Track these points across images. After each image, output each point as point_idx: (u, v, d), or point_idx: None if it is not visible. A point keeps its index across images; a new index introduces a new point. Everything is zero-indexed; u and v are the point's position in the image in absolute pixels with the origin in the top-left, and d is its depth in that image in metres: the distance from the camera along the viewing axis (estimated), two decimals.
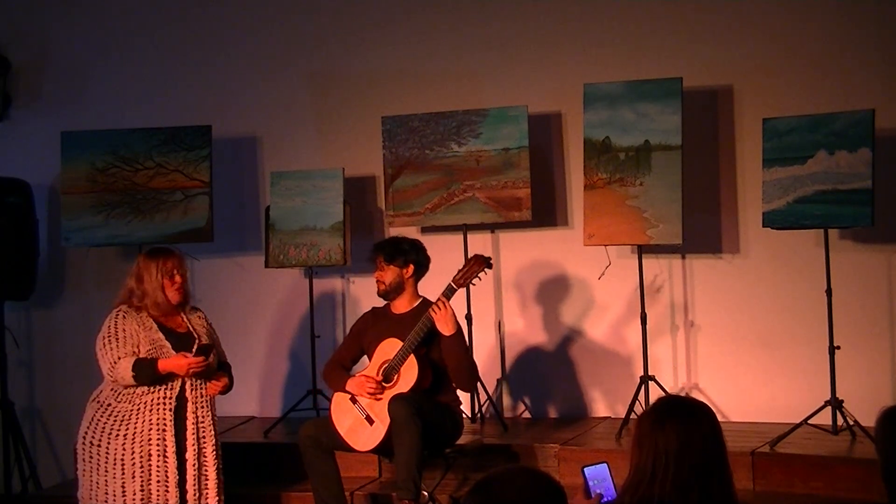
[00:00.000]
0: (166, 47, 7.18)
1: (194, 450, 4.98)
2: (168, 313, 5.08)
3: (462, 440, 5.46)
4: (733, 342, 6.26)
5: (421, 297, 5.43)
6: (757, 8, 6.22)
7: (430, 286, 5.45)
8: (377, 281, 5.40)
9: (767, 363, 6.18)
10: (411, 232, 6.49)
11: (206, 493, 5.01)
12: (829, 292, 5.65)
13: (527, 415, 6.61)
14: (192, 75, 7.14)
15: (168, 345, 4.98)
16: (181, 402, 4.98)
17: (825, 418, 5.65)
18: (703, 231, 6.25)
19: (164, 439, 4.93)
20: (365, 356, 5.50)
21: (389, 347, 5.26)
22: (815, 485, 5.29)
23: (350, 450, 5.32)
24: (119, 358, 4.91)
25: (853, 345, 5.81)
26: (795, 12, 6.14)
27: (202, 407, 5.03)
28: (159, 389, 4.95)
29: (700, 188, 6.20)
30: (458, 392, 5.53)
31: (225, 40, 7.11)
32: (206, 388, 5.03)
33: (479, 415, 6.36)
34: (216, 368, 5.12)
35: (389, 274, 5.36)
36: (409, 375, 5.19)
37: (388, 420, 5.13)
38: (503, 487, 2.49)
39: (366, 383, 5.24)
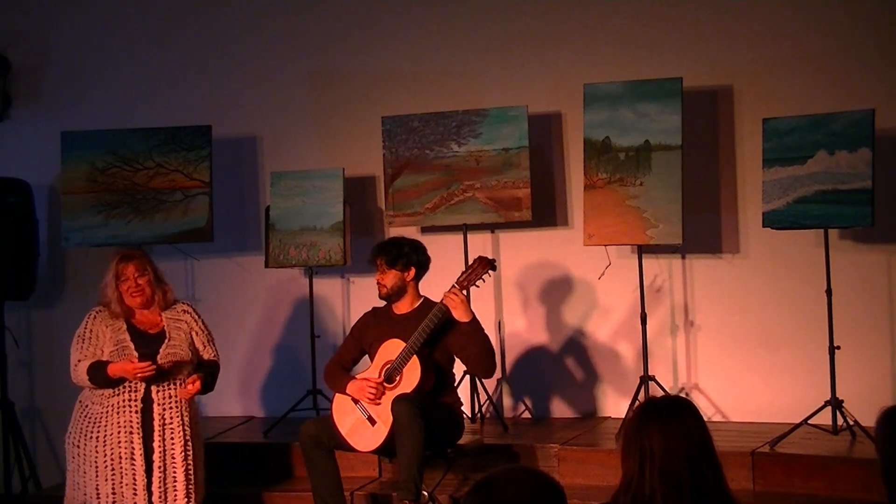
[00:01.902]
0: (166, 47, 7.18)
1: (160, 451, 4.97)
2: (143, 312, 5.10)
3: (462, 440, 5.45)
4: (733, 342, 6.26)
5: (422, 297, 5.43)
6: (757, 8, 6.22)
7: (431, 286, 5.45)
8: (378, 284, 5.38)
9: (767, 363, 6.18)
10: (411, 232, 6.49)
11: (175, 496, 4.99)
12: (829, 292, 5.65)
13: (527, 415, 6.60)
14: (192, 75, 7.14)
15: (132, 346, 5.00)
16: (148, 403, 4.98)
17: (825, 418, 5.65)
18: (703, 231, 6.25)
19: (132, 441, 4.95)
20: (366, 356, 5.50)
21: (392, 348, 5.25)
22: (815, 485, 5.29)
23: (351, 450, 5.32)
24: (79, 360, 5.00)
25: (853, 345, 5.81)
26: (795, 12, 6.15)
27: (170, 408, 5.01)
28: (124, 392, 4.97)
29: (700, 188, 6.20)
30: (461, 390, 5.54)
31: (225, 40, 7.11)
32: (175, 391, 5.02)
33: (479, 415, 6.36)
34: (194, 369, 5.10)
35: (391, 277, 5.35)
36: (411, 376, 5.18)
37: (390, 420, 5.12)
38: (503, 487, 2.49)
39: (366, 387, 5.23)
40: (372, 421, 5.24)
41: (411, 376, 5.18)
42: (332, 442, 5.29)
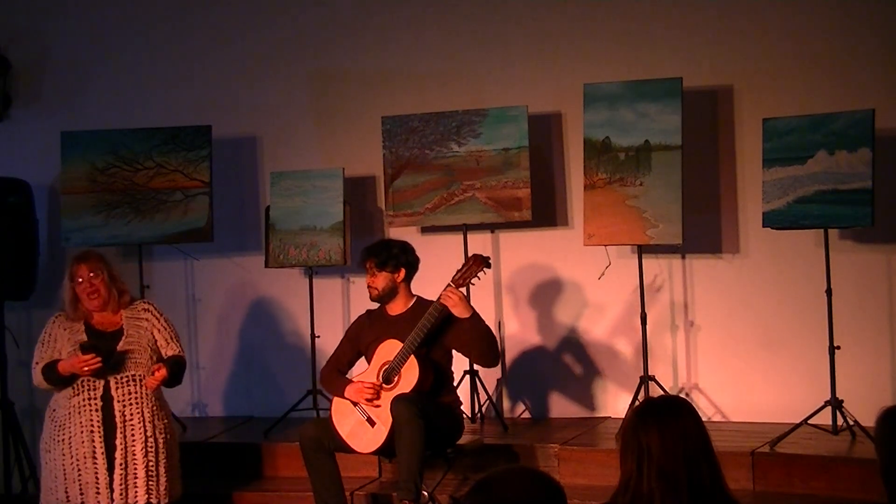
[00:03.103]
0: (166, 47, 7.18)
1: (122, 448, 4.97)
2: (101, 314, 5.11)
3: (462, 440, 5.45)
4: (733, 342, 6.26)
5: (415, 296, 5.43)
6: (757, 8, 6.22)
7: (429, 286, 5.45)
8: (369, 287, 5.39)
9: (767, 363, 6.18)
10: (411, 232, 6.50)
11: (136, 493, 4.98)
12: (829, 292, 5.64)
13: (527, 415, 6.60)
14: (192, 75, 7.14)
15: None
16: (108, 401, 4.99)
17: (825, 418, 5.65)
18: (703, 231, 6.25)
19: (93, 441, 4.95)
20: (362, 359, 5.50)
21: (389, 349, 5.25)
22: (815, 485, 5.29)
23: (351, 452, 5.32)
24: (36, 363, 5.04)
25: (853, 345, 5.81)
26: (796, 12, 6.14)
27: (130, 405, 5.01)
28: (84, 391, 4.99)
29: (700, 188, 6.20)
30: (461, 390, 5.54)
31: (224, 40, 7.11)
32: (135, 387, 5.02)
33: (479, 415, 6.36)
34: (154, 362, 5.09)
35: (381, 280, 5.35)
36: (410, 376, 5.18)
37: (389, 421, 5.12)
38: (503, 487, 2.49)
39: (364, 390, 5.23)
40: (371, 422, 5.24)
41: (409, 376, 5.18)
42: (332, 444, 5.28)
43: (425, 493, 5.21)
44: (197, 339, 7.12)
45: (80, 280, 5.06)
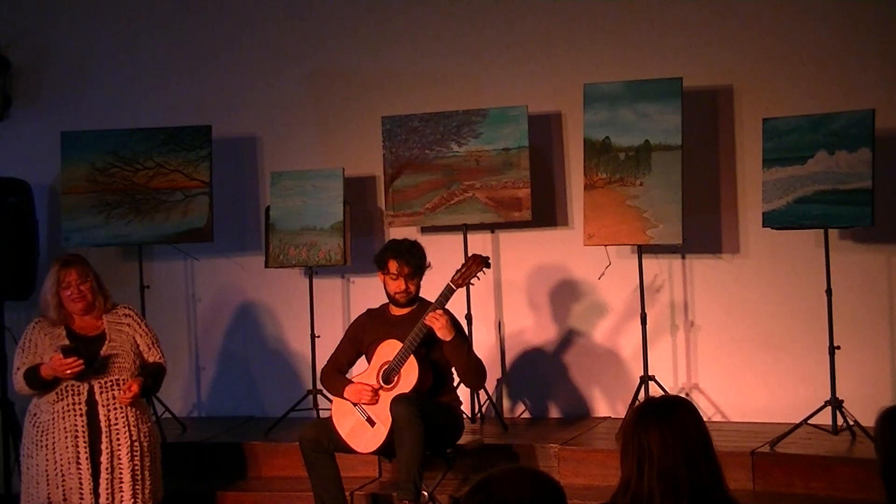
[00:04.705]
0: (166, 47, 7.18)
1: (108, 453, 4.97)
2: (84, 318, 5.11)
3: (462, 440, 5.46)
4: (733, 342, 6.26)
5: (418, 297, 5.43)
6: (757, 8, 6.22)
7: (429, 286, 5.44)
8: (402, 292, 5.32)
9: (767, 363, 6.18)
10: (411, 232, 6.49)
11: (121, 497, 4.98)
12: (829, 292, 5.65)
13: (527, 415, 6.61)
14: (192, 75, 7.14)
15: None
16: (92, 406, 4.98)
17: (825, 418, 5.66)
18: (703, 231, 6.25)
19: (77, 445, 4.94)
20: (362, 357, 5.50)
21: (389, 349, 5.25)
22: (815, 485, 5.29)
23: (351, 452, 5.32)
24: (17, 368, 5.04)
25: (853, 345, 5.81)
26: (795, 12, 6.15)
27: (114, 409, 5.01)
28: (68, 396, 4.98)
29: (700, 188, 6.20)
30: (460, 390, 5.54)
31: (225, 40, 7.11)
32: (120, 390, 5.01)
33: (479, 415, 6.36)
34: (138, 371, 5.09)
35: (414, 285, 5.34)
36: (409, 376, 5.19)
37: (389, 421, 5.12)
38: (503, 487, 2.49)
39: (363, 391, 5.23)
40: (371, 422, 5.24)
41: (409, 376, 5.18)
42: (332, 445, 5.29)
43: (425, 493, 5.21)
44: (197, 340, 7.12)
45: (68, 286, 5.05)
